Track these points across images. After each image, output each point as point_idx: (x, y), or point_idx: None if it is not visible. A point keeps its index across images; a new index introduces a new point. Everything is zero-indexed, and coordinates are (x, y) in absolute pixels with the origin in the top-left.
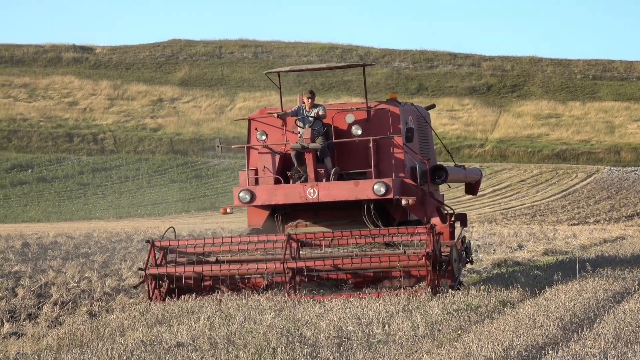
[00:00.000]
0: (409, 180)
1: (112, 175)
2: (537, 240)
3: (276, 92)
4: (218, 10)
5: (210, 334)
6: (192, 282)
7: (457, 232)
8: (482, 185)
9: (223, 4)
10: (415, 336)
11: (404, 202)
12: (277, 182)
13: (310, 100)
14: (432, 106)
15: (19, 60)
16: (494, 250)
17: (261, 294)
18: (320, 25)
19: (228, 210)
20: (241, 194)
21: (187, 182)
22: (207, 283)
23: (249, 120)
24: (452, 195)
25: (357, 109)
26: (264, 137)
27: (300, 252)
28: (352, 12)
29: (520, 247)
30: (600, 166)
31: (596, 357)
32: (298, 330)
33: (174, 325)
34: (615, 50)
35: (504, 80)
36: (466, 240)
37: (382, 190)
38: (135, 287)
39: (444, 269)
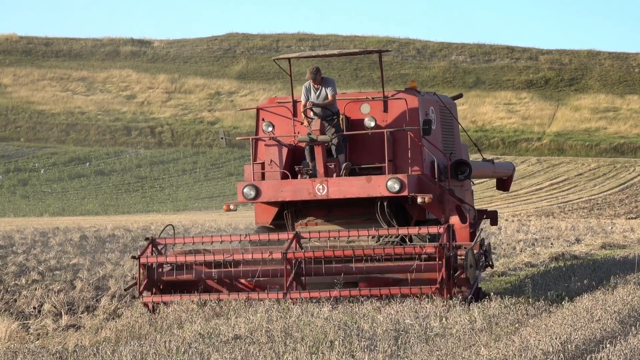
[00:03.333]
0: (426, 176)
1: (170, 169)
2: (595, 233)
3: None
4: (275, 3)
5: (268, 327)
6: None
7: (491, 229)
8: (539, 179)
9: None
10: (473, 329)
11: (419, 200)
12: (284, 177)
13: (314, 80)
14: (459, 95)
15: (77, 54)
16: (552, 243)
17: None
18: (378, 19)
19: (231, 207)
20: (245, 190)
21: (244, 175)
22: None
23: (257, 110)
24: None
25: (372, 98)
26: (270, 129)
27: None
28: (409, 5)
29: (578, 240)
30: None
31: None
32: (355, 323)
33: (232, 318)
34: None
35: (561, 74)
36: (485, 243)
37: (396, 187)
38: (126, 289)
39: (457, 275)
